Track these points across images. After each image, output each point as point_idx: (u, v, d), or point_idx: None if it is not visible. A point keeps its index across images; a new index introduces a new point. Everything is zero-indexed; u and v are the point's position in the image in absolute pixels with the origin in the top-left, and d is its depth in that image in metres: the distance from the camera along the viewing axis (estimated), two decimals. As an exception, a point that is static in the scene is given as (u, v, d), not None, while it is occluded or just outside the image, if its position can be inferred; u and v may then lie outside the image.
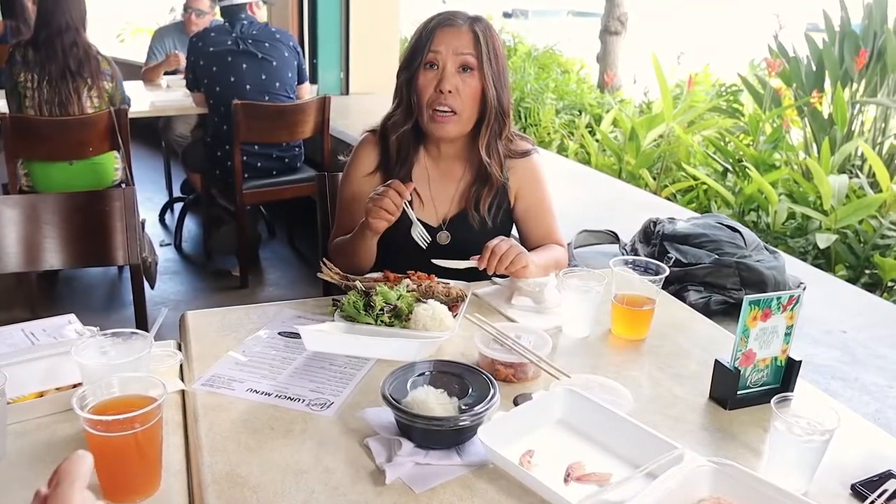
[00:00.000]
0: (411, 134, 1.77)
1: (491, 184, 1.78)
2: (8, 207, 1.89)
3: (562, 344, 1.47)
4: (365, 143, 1.83)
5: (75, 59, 3.33)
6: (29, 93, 3.30)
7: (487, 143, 1.75)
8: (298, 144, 3.97)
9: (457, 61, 1.66)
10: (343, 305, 1.46)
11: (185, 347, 1.41)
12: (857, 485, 1.05)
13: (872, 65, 4.47)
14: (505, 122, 1.75)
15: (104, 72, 3.43)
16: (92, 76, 3.38)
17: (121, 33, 10.44)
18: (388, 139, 1.79)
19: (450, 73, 1.66)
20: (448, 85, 1.66)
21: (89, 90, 3.38)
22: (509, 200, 1.84)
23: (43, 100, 3.31)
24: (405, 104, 1.74)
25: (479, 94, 1.69)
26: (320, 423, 1.16)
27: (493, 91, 1.68)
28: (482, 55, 1.66)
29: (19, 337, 1.36)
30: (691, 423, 1.22)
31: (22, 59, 3.31)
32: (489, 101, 1.70)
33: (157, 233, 4.66)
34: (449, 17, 1.69)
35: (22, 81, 3.31)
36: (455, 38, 1.66)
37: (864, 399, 1.68)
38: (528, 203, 1.85)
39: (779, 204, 3.50)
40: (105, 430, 0.95)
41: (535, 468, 1.05)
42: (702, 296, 2.01)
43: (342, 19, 5.02)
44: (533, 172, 1.84)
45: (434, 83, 1.67)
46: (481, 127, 1.74)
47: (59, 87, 3.31)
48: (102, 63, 3.43)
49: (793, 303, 1.26)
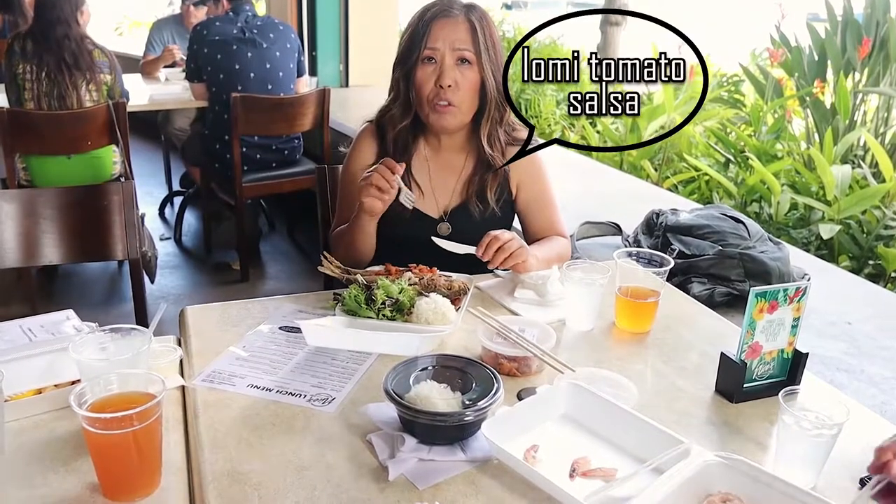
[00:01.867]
0: (410, 127, 1.75)
1: (495, 171, 1.77)
2: (6, 202, 1.88)
3: (565, 337, 1.46)
4: (365, 134, 1.82)
5: (70, 52, 3.32)
6: (28, 84, 3.29)
7: (489, 133, 1.74)
8: (298, 137, 3.95)
9: (455, 55, 1.65)
10: (344, 299, 1.44)
11: (184, 343, 1.39)
12: (866, 479, 1.04)
13: (875, 54, 4.44)
14: (505, 110, 1.74)
15: (100, 63, 3.41)
16: (89, 69, 3.36)
17: (119, 26, 10.40)
18: (385, 133, 1.77)
19: (448, 68, 1.65)
20: (447, 80, 1.65)
21: (87, 84, 3.37)
22: (511, 191, 1.83)
23: (42, 92, 3.30)
24: (403, 98, 1.72)
25: (478, 86, 1.68)
26: (322, 419, 1.15)
27: (492, 81, 1.67)
28: (479, 46, 1.65)
29: (17, 333, 1.34)
30: (697, 416, 1.21)
31: (21, 51, 3.30)
32: (489, 92, 1.69)
33: (156, 227, 4.64)
34: (444, 8, 1.66)
35: (21, 73, 3.30)
36: (452, 31, 1.64)
37: (870, 391, 1.67)
38: (530, 194, 1.84)
39: (781, 194, 3.48)
40: (104, 428, 0.94)
41: (539, 464, 1.04)
42: (706, 287, 2.00)
43: (341, 11, 5.00)
44: (534, 164, 1.83)
45: (433, 78, 1.66)
46: (481, 118, 1.73)
47: (57, 79, 3.30)
48: (97, 55, 3.41)
49: (800, 294, 1.24)
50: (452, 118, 1.70)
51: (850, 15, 4.61)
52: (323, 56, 5.07)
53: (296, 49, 3.91)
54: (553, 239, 1.82)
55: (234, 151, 3.62)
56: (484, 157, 1.75)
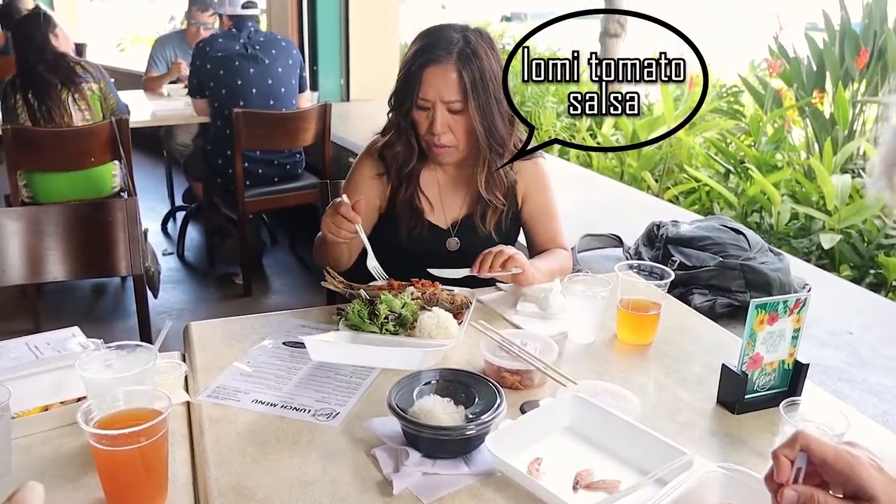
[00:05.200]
0: (416, 156, 1.76)
1: (494, 206, 1.78)
2: (10, 220, 1.89)
3: (567, 350, 1.47)
4: (371, 157, 1.82)
5: (46, 67, 3.37)
6: (20, 110, 3.36)
7: (486, 178, 1.75)
8: (299, 151, 3.97)
9: (444, 105, 1.66)
10: (347, 314, 1.45)
11: (189, 358, 1.40)
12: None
13: (873, 64, 4.47)
14: (504, 148, 1.73)
15: (81, 75, 3.45)
16: (70, 82, 3.41)
17: (121, 42, 10.47)
18: (389, 166, 1.79)
19: (440, 115, 1.66)
20: (440, 128, 1.67)
21: (73, 95, 3.40)
22: (517, 203, 1.84)
23: (34, 110, 3.34)
24: (405, 139, 1.74)
25: (472, 129, 1.69)
26: (326, 434, 1.16)
27: (481, 129, 1.67)
28: (468, 95, 1.64)
29: (23, 350, 1.35)
30: (699, 428, 1.21)
31: (11, 85, 3.39)
32: (480, 138, 1.69)
33: (159, 242, 4.65)
34: (434, 56, 1.65)
35: (13, 104, 3.37)
36: (441, 82, 1.64)
37: (871, 401, 1.67)
38: (534, 206, 1.85)
39: (782, 205, 3.49)
40: (111, 445, 0.95)
41: (543, 476, 1.05)
42: (707, 299, 2.01)
43: (342, 25, 5.03)
44: (540, 176, 1.85)
45: (427, 123, 1.68)
46: (479, 156, 1.74)
47: (41, 95, 3.35)
48: (77, 67, 3.45)
49: (799, 306, 1.25)
50: (451, 157, 1.73)
51: (847, 25, 4.63)
52: (324, 70, 5.10)
53: (298, 65, 3.94)
54: (555, 252, 1.83)
55: (236, 166, 3.64)
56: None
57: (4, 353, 1.34)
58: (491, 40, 1.71)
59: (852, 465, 0.77)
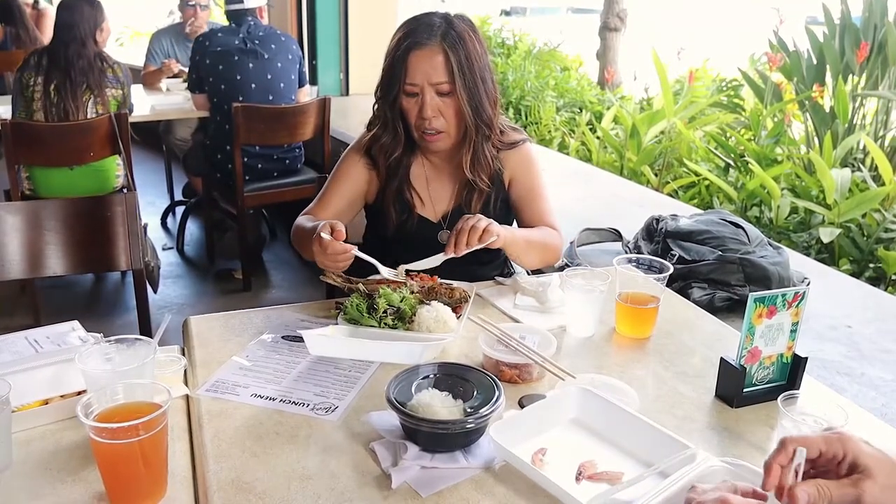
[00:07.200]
0: (403, 148, 1.77)
1: (480, 190, 1.79)
2: (10, 214, 1.89)
3: (566, 343, 1.47)
4: (359, 144, 1.83)
5: (78, 70, 3.37)
6: (37, 96, 3.34)
7: (471, 159, 1.75)
8: (299, 146, 3.97)
9: (433, 88, 1.66)
10: (346, 308, 1.46)
11: (188, 352, 1.40)
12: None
13: (873, 57, 4.45)
14: (491, 130, 1.74)
15: (110, 79, 3.46)
16: (98, 86, 3.41)
17: (120, 37, 10.44)
18: (377, 160, 1.79)
19: (429, 100, 1.66)
20: (430, 112, 1.67)
21: (94, 99, 3.41)
22: (505, 188, 1.85)
23: (51, 104, 3.34)
24: (391, 128, 1.74)
25: (460, 112, 1.69)
26: (325, 428, 1.16)
27: (468, 109, 1.68)
28: (455, 77, 1.65)
29: (23, 344, 1.35)
30: (698, 421, 1.22)
31: (35, 64, 3.37)
32: (467, 119, 1.70)
33: (159, 237, 4.66)
34: (419, 39, 1.65)
35: (31, 85, 3.35)
36: (427, 65, 1.64)
37: (870, 394, 1.68)
38: (521, 190, 1.86)
39: (781, 199, 3.48)
40: (110, 438, 0.95)
41: (546, 467, 1.05)
42: (706, 293, 2.01)
43: (341, 20, 5.02)
44: (525, 160, 1.85)
45: (416, 109, 1.68)
46: (467, 141, 1.74)
47: (63, 94, 3.34)
48: (109, 71, 3.46)
49: (798, 299, 1.25)
50: (443, 143, 1.74)
51: (847, 19, 4.62)
52: (323, 65, 5.09)
53: (297, 60, 3.94)
54: (541, 227, 1.83)
55: (235, 161, 3.64)
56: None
57: (4, 348, 1.34)
58: (472, 23, 1.72)
59: (843, 440, 0.80)
